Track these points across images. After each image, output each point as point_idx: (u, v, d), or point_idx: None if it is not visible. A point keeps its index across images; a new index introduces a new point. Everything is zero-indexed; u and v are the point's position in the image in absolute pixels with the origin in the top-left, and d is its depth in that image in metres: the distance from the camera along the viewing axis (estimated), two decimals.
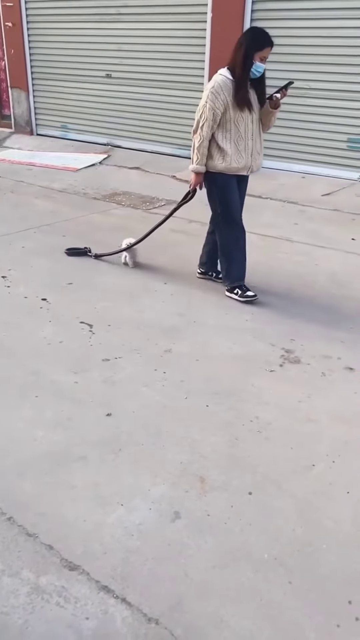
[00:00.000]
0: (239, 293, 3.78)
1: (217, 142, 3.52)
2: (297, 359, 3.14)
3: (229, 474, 2.25)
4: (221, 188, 3.66)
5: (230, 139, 3.51)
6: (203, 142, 3.51)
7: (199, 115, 3.50)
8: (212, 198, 3.74)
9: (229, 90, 3.42)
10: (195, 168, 3.62)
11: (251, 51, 3.37)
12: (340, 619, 1.70)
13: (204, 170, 3.60)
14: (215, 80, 3.46)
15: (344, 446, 2.43)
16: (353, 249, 4.88)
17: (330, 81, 6.45)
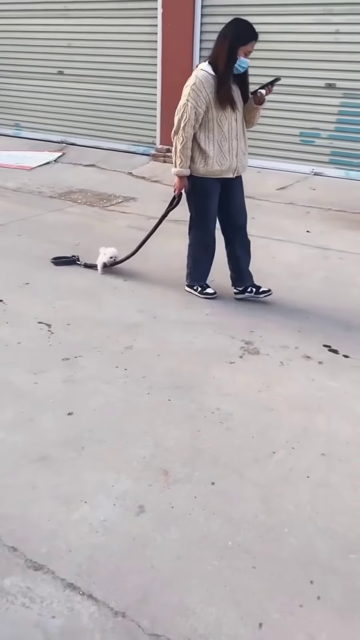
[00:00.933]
0: (198, 290, 3.80)
1: (198, 143, 3.33)
2: (257, 350, 3.19)
3: (192, 465, 2.27)
4: (200, 194, 3.50)
5: (214, 140, 3.32)
6: (186, 143, 3.31)
7: (180, 114, 3.29)
8: (190, 202, 3.60)
9: (211, 87, 3.21)
10: (178, 171, 3.42)
11: (235, 45, 3.15)
12: (302, 599, 1.75)
13: (188, 173, 3.41)
14: (195, 76, 3.24)
15: (303, 432, 2.49)
16: (308, 241, 4.99)
17: (283, 76, 6.52)
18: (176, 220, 5.45)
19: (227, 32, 3.19)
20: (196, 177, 3.43)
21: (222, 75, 3.21)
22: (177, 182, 3.51)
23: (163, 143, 7.46)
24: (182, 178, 3.46)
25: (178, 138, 3.35)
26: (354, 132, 6.29)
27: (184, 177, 3.45)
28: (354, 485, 2.19)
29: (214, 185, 3.46)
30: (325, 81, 6.31)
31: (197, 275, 3.81)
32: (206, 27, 6.85)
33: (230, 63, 3.18)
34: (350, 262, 4.53)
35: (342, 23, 6.02)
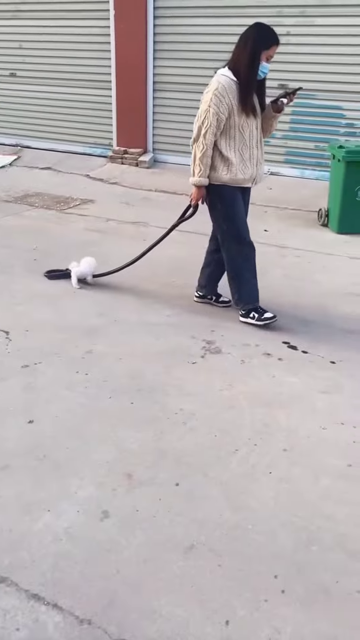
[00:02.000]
0: (255, 317, 3.43)
1: (220, 150, 3.18)
2: (218, 349, 3.22)
3: (156, 467, 2.27)
4: (226, 202, 3.31)
5: (235, 148, 3.18)
6: (206, 151, 3.14)
7: (201, 121, 3.11)
8: (216, 214, 3.39)
9: (233, 93, 3.08)
10: (197, 181, 3.23)
11: (258, 49, 3.04)
12: (267, 593, 1.77)
13: (207, 183, 3.23)
14: (218, 81, 3.08)
15: (265, 428, 2.53)
16: (266, 240, 5.05)
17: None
18: (134, 222, 5.44)
19: (248, 37, 3.06)
20: (219, 185, 3.25)
21: (245, 81, 3.09)
22: (195, 192, 3.32)
23: (120, 145, 7.43)
24: (201, 188, 3.28)
25: (198, 146, 3.16)
26: (307, 132, 6.41)
27: (202, 187, 3.27)
28: (315, 479, 2.23)
29: (237, 192, 3.31)
30: (277, 82, 6.39)
31: (247, 295, 3.46)
32: (159, 28, 6.86)
33: (253, 68, 3.07)
34: (306, 260, 4.62)
35: (293, 25, 6.13)
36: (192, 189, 3.34)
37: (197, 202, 3.40)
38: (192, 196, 3.39)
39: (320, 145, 6.25)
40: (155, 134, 7.36)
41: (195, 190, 3.32)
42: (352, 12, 5.79)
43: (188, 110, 7.00)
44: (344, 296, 3.91)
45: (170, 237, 5.15)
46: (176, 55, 6.89)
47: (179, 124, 7.13)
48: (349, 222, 5.12)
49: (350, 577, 1.83)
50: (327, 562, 1.88)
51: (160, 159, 7.34)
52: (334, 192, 5.19)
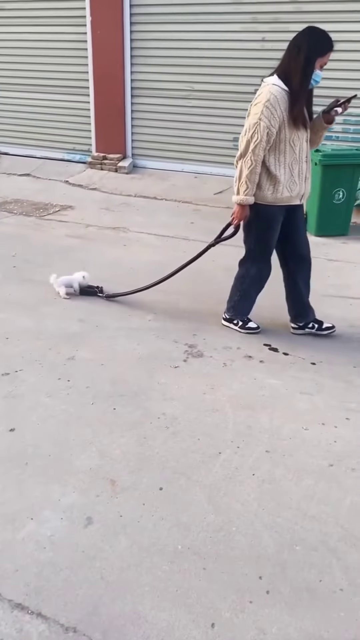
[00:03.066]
0: (239, 324, 3.45)
1: (267, 167, 2.97)
2: (200, 352, 3.23)
3: (139, 472, 2.27)
4: (263, 224, 3.14)
5: (285, 163, 2.98)
6: (255, 167, 2.92)
7: (250, 135, 2.89)
8: (249, 233, 3.23)
9: (285, 103, 2.86)
10: (243, 199, 3.02)
11: (312, 57, 2.82)
12: (252, 595, 1.78)
13: (252, 201, 3.03)
14: (270, 92, 2.84)
15: (247, 430, 2.54)
16: None
17: (213, 82, 6.67)
18: (114, 227, 5.44)
19: (301, 43, 2.84)
20: (261, 205, 3.06)
21: (297, 91, 2.85)
22: (239, 212, 3.11)
23: (99, 150, 7.43)
24: (245, 207, 3.07)
25: (246, 162, 2.94)
26: None
27: (247, 206, 3.07)
28: (298, 479, 2.25)
29: (279, 213, 3.12)
30: (253, 87, 6.46)
31: (243, 309, 3.45)
32: (136, 35, 6.89)
33: (307, 77, 2.84)
34: None
35: (268, 31, 6.21)
36: (235, 208, 3.13)
37: (240, 221, 3.17)
38: (234, 215, 3.16)
39: None
40: (134, 140, 7.38)
41: (239, 209, 3.10)
42: (325, 18, 5.87)
43: (166, 115, 7.05)
44: (323, 298, 3.95)
45: (145, 241, 5.18)
46: (153, 62, 6.92)
47: (157, 129, 7.17)
48: (327, 224, 5.19)
49: (334, 576, 1.85)
50: (311, 562, 1.89)
51: (140, 164, 7.36)
52: (312, 196, 5.24)
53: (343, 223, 5.23)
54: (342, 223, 5.22)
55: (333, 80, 6.02)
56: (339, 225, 5.22)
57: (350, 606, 1.75)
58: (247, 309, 3.47)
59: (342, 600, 1.77)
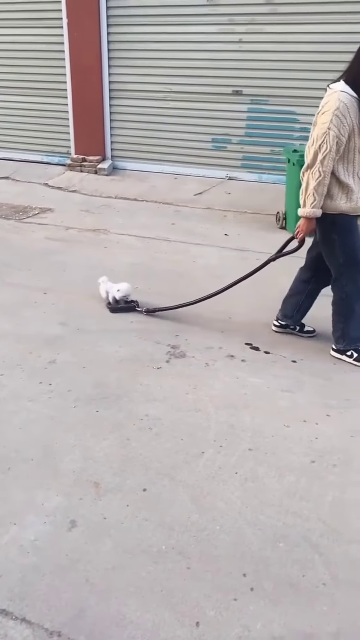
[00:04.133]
0: (354, 356, 3.14)
1: (337, 177, 2.83)
2: (183, 353, 3.24)
3: (123, 474, 2.27)
4: (344, 232, 2.97)
5: (354, 173, 2.84)
6: (323, 179, 2.78)
7: (318, 145, 2.74)
8: (332, 246, 3.02)
9: (355, 111, 2.72)
10: (310, 212, 2.86)
11: None
12: (236, 592, 1.79)
13: (320, 214, 2.88)
14: (338, 99, 2.69)
15: (230, 429, 2.56)
16: (226, 244, 5.12)
17: (190, 84, 6.69)
18: (95, 230, 5.42)
19: None
20: (335, 215, 2.91)
21: None
22: (305, 225, 2.96)
23: (78, 152, 7.40)
24: (312, 220, 2.93)
25: (313, 173, 2.79)
26: (262, 137, 6.53)
27: (314, 218, 2.92)
28: (280, 477, 2.28)
29: (354, 221, 2.98)
30: (232, 88, 6.52)
31: (354, 332, 3.14)
32: (113, 36, 6.88)
33: None
34: None
35: (245, 33, 6.24)
36: (300, 221, 2.99)
37: (306, 234, 3.01)
38: (299, 229, 3.02)
39: (276, 149, 6.38)
40: (113, 141, 7.36)
41: (306, 222, 2.95)
42: (300, 19, 5.94)
43: (145, 117, 7.05)
44: None
45: (125, 243, 5.18)
46: (131, 63, 6.92)
47: (136, 130, 7.17)
48: None
49: (316, 570, 1.87)
50: (293, 558, 1.92)
51: (120, 166, 7.35)
52: (291, 196, 5.29)
53: None
54: None
55: (299, 80, 6.11)
56: None
57: (333, 600, 1.78)
58: (358, 333, 3.16)
59: (325, 595, 1.79)
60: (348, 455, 2.41)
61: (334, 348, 3.23)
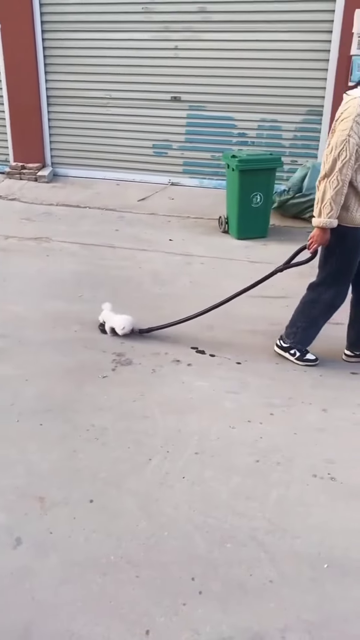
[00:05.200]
0: (296, 355, 3.21)
1: (355, 187, 2.75)
2: (129, 360, 3.23)
3: (69, 487, 2.24)
4: (350, 247, 2.89)
5: None
6: (341, 188, 2.70)
7: (337, 153, 2.67)
8: (331, 256, 2.96)
9: None
10: (327, 222, 2.77)
11: None
12: (185, 597, 1.80)
13: (336, 224, 2.79)
14: (359, 105, 2.61)
15: (177, 434, 2.58)
16: (171, 249, 5.15)
17: (129, 90, 6.70)
18: (36, 238, 5.33)
19: None
20: (347, 227, 2.83)
21: None
22: (320, 235, 2.86)
23: (17, 160, 7.26)
24: (327, 231, 2.82)
25: (332, 182, 2.71)
26: (201, 143, 6.62)
27: (328, 229, 2.83)
28: (226, 478, 2.31)
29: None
30: (170, 94, 6.58)
31: (305, 338, 3.19)
32: (48, 42, 6.80)
33: None
34: (211, 266, 4.76)
35: (180, 40, 6.31)
36: (314, 231, 2.89)
37: (320, 245, 2.92)
38: (313, 239, 2.91)
39: (216, 155, 6.47)
40: (53, 148, 7.27)
41: (320, 233, 2.85)
42: (233, 27, 6.07)
43: (85, 123, 7.00)
44: (245, 298, 4.04)
45: (69, 251, 5.13)
46: (68, 69, 6.86)
47: (77, 137, 7.11)
48: (248, 228, 5.34)
49: (263, 568, 1.91)
50: (241, 557, 1.95)
51: (60, 173, 7.26)
52: (231, 200, 5.40)
53: (262, 226, 5.40)
54: (261, 226, 5.40)
55: (235, 87, 6.25)
56: (259, 227, 5.39)
57: (280, 596, 1.82)
58: (310, 339, 3.19)
59: (271, 592, 1.83)
60: (291, 452, 2.47)
61: (279, 345, 3.26)
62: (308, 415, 2.73)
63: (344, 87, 5.79)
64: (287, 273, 3.35)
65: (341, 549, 1.98)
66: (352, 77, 5.75)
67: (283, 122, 6.25)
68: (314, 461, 2.41)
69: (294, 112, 6.17)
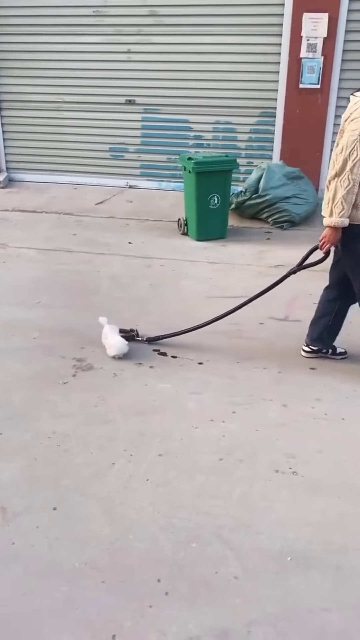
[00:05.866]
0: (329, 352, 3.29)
1: None
2: (90, 365, 3.21)
3: (31, 496, 2.21)
4: None
5: None
6: (353, 187, 2.72)
7: (347, 153, 2.69)
8: (356, 257, 2.93)
9: None
10: (338, 222, 2.78)
11: None
12: (152, 599, 1.80)
13: (347, 223, 2.80)
14: None
15: (140, 437, 2.57)
16: (130, 252, 5.14)
17: (83, 94, 6.66)
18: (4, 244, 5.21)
19: None
20: (357, 225, 2.83)
21: None
22: (332, 235, 2.86)
23: None
24: (338, 230, 2.83)
25: (342, 182, 2.73)
26: (157, 145, 6.64)
27: (340, 229, 2.84)
28: (190, 478, 2.32)
29: None
30: (125, 97, 6.57)
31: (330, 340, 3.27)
32: (2, 46, 6.69)
33: None
34: (170, 268, 4.77)
35: (132, 43, 6.32)
36: (325, 231, 2.89)
37: (332, 246, 2.92)
38: (325, 239, 2.91)
39: (172, 157, 6.50)
40: (7, 153, 7.15)
41: (332, 232, 2.85)
42: (186, 31, 6.11)
43: (39, 127, 6.92)
44: (206, 299, 4.10)
45: (26, 256, 5.05)
46: (21, 73, 6.76)
47: (31, 141, 7.01)
48: (206, 229, 5.38)
49: (228, 566, 1.93)
50: (206, 556, 1.96)
51: (16, 178, 7.15)
52: (189, 202, 5.43)
53: (221, 227, 5.46)
54: (219, 227, 5.45)
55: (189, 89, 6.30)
56: (217, 229, 5.44)
57: (245, 592, 1.84)
58: None
59: (237, 588, 1.85)
60: (253, 449, 2.50)
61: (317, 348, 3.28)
62: (269, 412, 2.78)
63: (294, 88, 5.95)
64: (246, 272, 3.40)
65: (303, 542, 2.02)
66: (302, 79, 5.89)
67: (237, 124, 6.34)
68: (275, 456, 2.45)
69: (247, 114, 6.27)
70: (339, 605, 1.79)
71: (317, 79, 5.86)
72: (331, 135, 5.99)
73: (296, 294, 3.98)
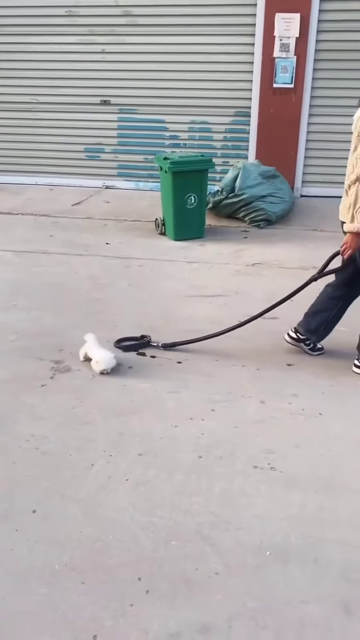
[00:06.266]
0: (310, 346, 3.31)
1: None
2: (68, 367, 3.19)
3: (10, 499, 2.19)
4: None
5: None
6: None
7: None
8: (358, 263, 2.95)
9: None
10: (359, 227, 2.76)
11: None
12: (132, 598, 1.81)
13: None
14: None
15: (119, 438, 2.57)
16: (108, 253, 5.12)
17: (57, 94, 6.63)
18: None
19: None
20: None
21: None
22: (353, 241, 2.81)
23: None
24: (359, 236, 2.83)
25: None
26: (134, 146, 6.64)
27: None
28: (170, 477, 2.33)
29: None
30: (100, 98, 6.56)
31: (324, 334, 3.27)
32: None
33: None
34: (149, 268, 4.77)
35: (107, 43, 6.31)
36: (346, 237, 2.85)
37: (354, 251, 2.87)
38: (346, 245, 2.87)
39: (149, 157, 6.51)
40: None
41: (354, 238, 2.81)
42: (160, 31, 6.13)
43: (13, 128, 6.88)
44: (184, 299, 4.12)
45: (2, 259, 5.01)
46: None
47: (5, 142, 6.97)
48: (183, 229, 5.40)
49: (208, 562, 1.94)
50: (186, 553, 1.97)
51: None
52: (166, 202, 5.43)
53: (198, 226, 5.47)
54: (197, 226, 5.47)
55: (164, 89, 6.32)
56: (195, 228, 5.45)
57: (226, 587, 1.85)
58: None
59: (217, 584, 1.87)
60: (232, 445, 2.52)
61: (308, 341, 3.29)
62: (247, 409, 2.80)
63: (269, 88, 6.00)
64: (224, 271, 3.42)
65: (281, 536, 2.04)
66: (276, 79, 5.95)
67: (213, 124, 6.37)
68: (254, 452, 2.47)
69: (222, 114, 6.31)
70: (317, 598, 1.82)
71: (291, 79, 5.93)
72: (305, 134, 6.06)
73: (272, 292, 4.01)
